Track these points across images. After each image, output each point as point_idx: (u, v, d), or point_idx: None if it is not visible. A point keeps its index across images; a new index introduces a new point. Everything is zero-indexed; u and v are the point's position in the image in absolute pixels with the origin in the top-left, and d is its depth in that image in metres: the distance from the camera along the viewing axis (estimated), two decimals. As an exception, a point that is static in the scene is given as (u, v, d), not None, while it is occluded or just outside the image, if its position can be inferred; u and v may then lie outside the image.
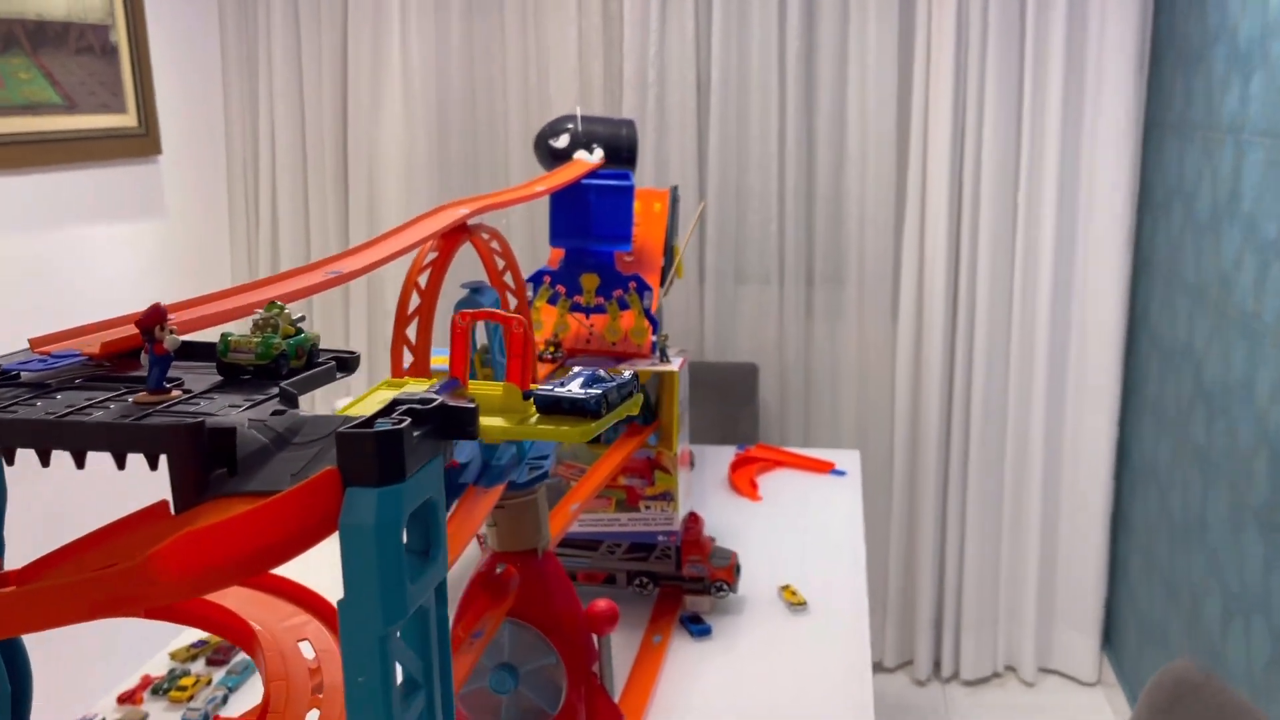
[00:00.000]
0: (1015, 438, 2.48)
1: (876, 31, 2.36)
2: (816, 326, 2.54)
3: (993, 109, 2.34)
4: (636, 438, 1.38)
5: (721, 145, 2.45)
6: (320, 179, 2.58)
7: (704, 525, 1.49)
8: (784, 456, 2.03)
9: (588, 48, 2.47)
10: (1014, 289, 2.43)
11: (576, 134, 1.48)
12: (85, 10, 2.06)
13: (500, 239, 1.04)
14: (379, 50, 2.51)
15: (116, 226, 2.21)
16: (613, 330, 1.43)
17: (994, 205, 2.38)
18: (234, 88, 2.57)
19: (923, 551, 2.53)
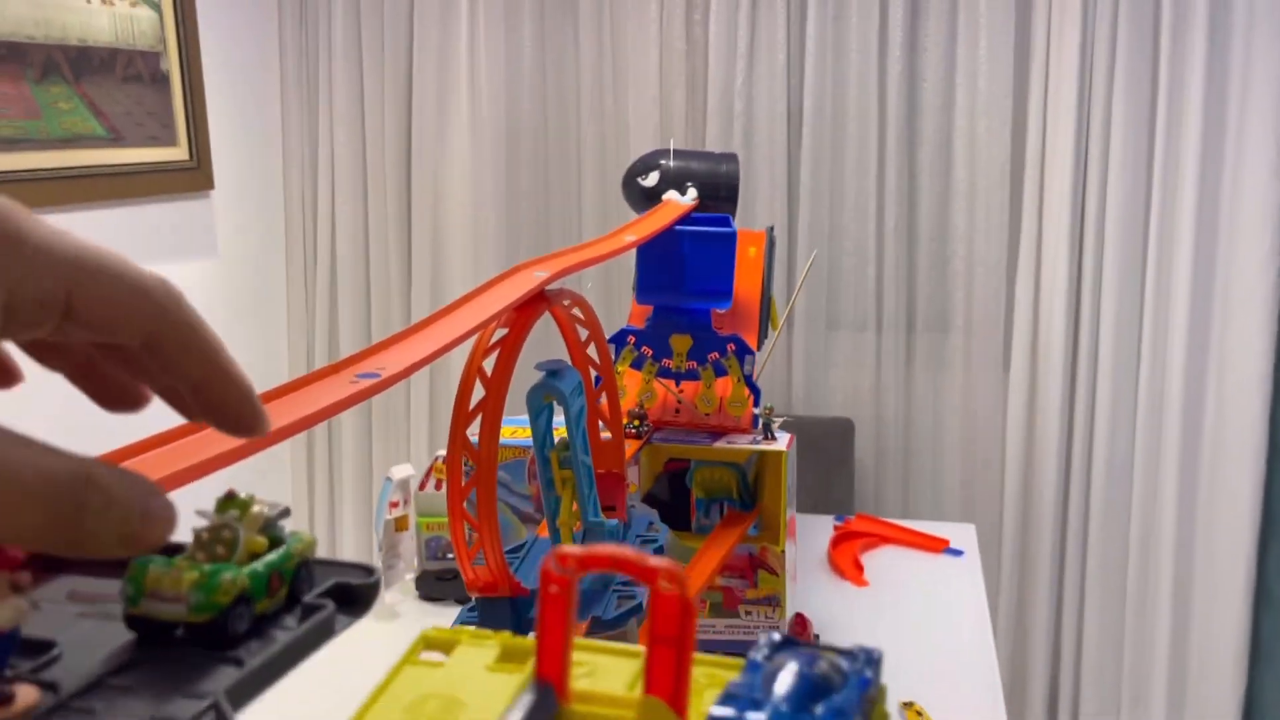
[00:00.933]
0: (1143, 505, 2.21)
1: (988, 52, 2.13)
2: (917, 378, 2.30)
3: (1120, 137, 2.09)
4: (736, 529, 1.17)
5: (813, 180, 2.23)
6: (381, 214, 2.42)
7: (812, 627, 1.27)
8: (890, 531, 1.79)
9: (669, 76, 2.28)
10: (1143, 337, 2.17)
11: (667, 170, 1.28)
12: (134, 36, 1.92)
13: (584, 305, 0.84)
14: (445, 77, 2.35)
15: (165, 266, 2.06)
16: (706, 399, 1.22)
17: (1121, 244, 2.13)
18: (293, 118, 2.43)
19: (1035, 632, 2.27)
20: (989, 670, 1.38)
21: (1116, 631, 2.26)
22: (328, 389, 0.50)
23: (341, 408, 0.49)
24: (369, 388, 0.50)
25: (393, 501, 1.55)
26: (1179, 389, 2.14)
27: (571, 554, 0.27)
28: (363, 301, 2.47)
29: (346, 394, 0.49)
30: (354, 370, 0.53)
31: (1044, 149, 2.16)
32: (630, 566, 0.26)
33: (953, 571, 1.68)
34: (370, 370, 0.53)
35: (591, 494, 0.81)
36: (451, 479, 0.71)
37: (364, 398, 0.50)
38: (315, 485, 2.54)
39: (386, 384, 0.52)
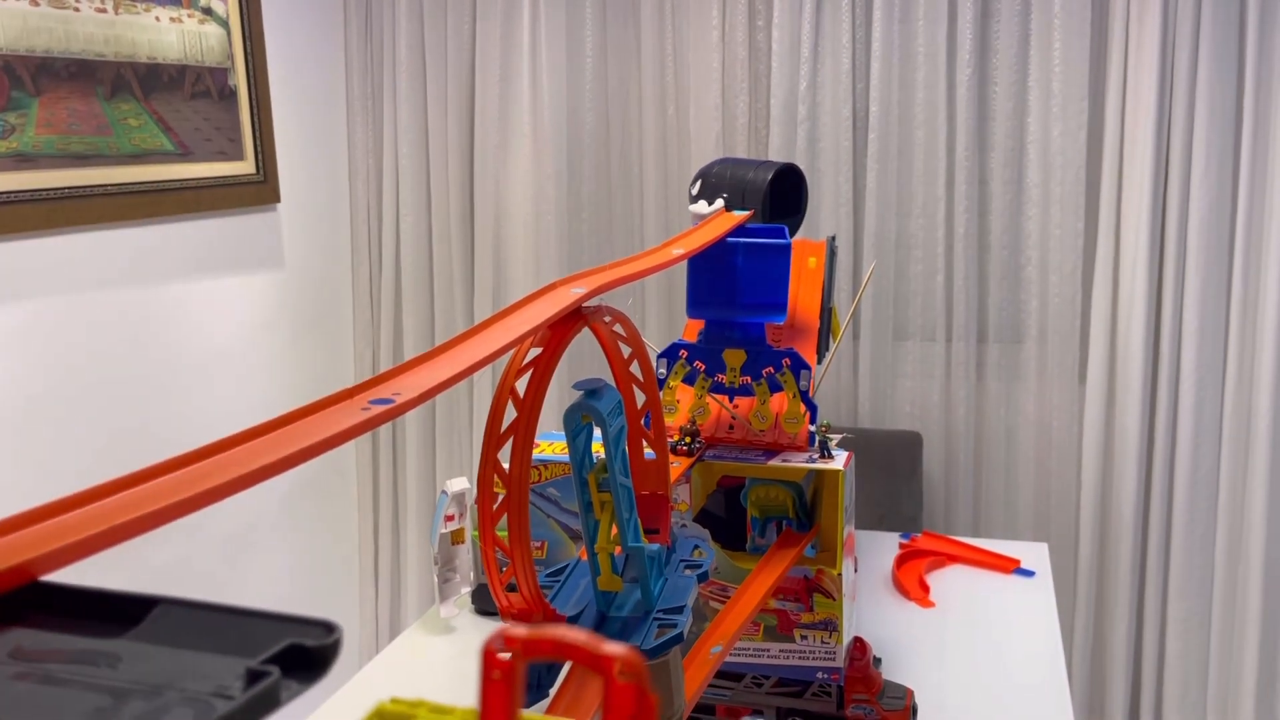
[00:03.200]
0: (1228, 524, 2.11)
1: (1063, 53, 2.06)
2: (989, 389, 2.23)
3: (1203, 140, 2.00)
4: (792, 550, 1.13)
5: (880, 187, 2.18)
6: (445, 224, 2.43)
7: (871, 652, 1.22)
8: (958, 549, 1.73)
9: (732, 82, 2.25)
10: (1228, 347, 2.07)
11: (708, 178, 1.25)
12: (203, 53, 1.95)
13: (626, 322, 0.82)
14: (507, 88, 2.35)
15: (232, 279, 2.10)
16: (761, 416, 1.19)
17: (1204, 251, 2.04)
18: (358, 131, 2.45)
19: (1114, 655, 2.18)
20: (1060, 698, 1.32)
21: (1201, 657, 2.16)
22: (337, 416, 0.48)
23: (347, 437, 0.47)
24: (380, 415, 0.49)
25: (448, 515, 1.54)
26: (1268, 402, 2.03)
27: (516, 636, 0.24)
28: (426, 312, 2.48)
29: (355, 422, 0.47)
30: (368, 395, 0.51)
31: (1121, 153, 2.08)
32: (580, 654, 0.23)
33: (1024, 593, 1.61)
34: (385, 396, 0.51)
35: (632, 518, 0.78)
36: (482, 503, 0.69)
37: (374, 425, 0.48)
38: (380, 497, 2.56)
39: (400, 410, 0.50)
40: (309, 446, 0.44)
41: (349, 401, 0.50)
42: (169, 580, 1.97)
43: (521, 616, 0.72)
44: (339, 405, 0.50)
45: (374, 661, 1.46)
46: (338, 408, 0.50)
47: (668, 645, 0.74)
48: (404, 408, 0.50)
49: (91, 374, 1.82)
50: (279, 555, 2.28)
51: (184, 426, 1.99)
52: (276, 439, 0.47)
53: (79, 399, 1.80)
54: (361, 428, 0.47)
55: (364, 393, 0.51)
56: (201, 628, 0.28)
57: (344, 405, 0.50)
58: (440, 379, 0.53)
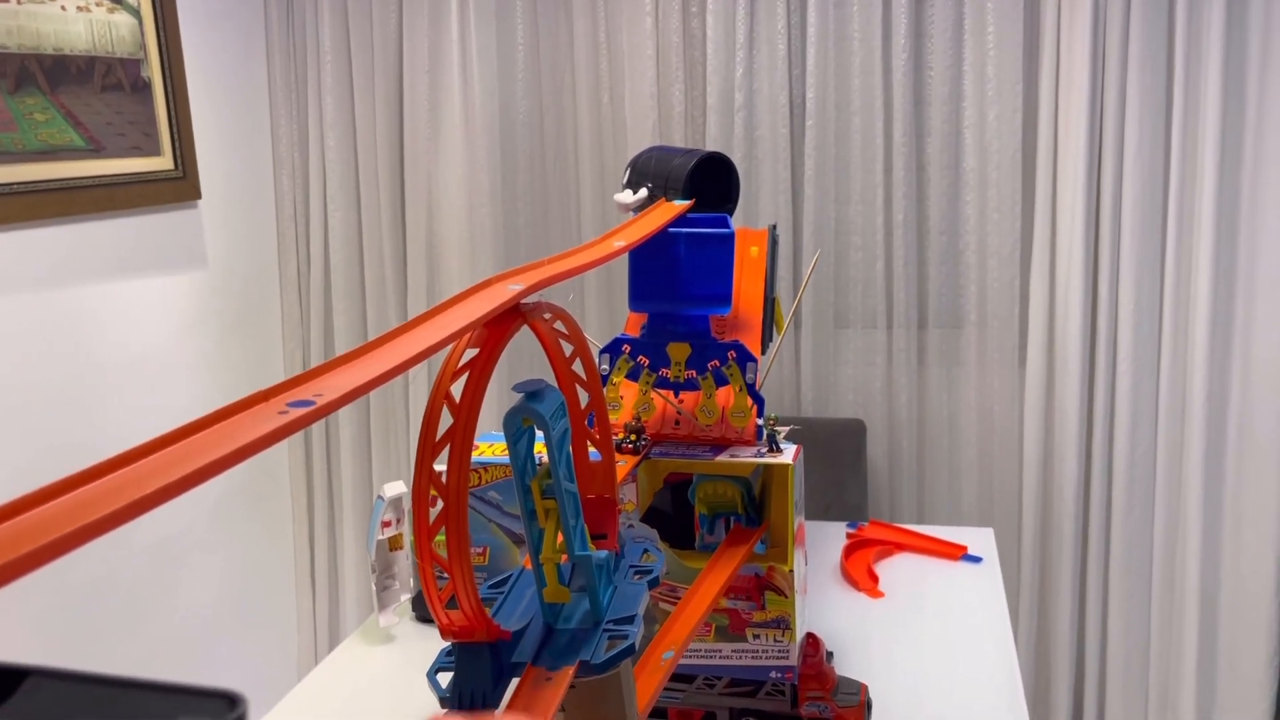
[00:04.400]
0: (1167, 504, 2.14)
1: (997, 36, 2.06)
2: (930, 375, 2.23)
3: (1135, 120, 2.02)
4: (741, 547, 1.10)
5: (819, 175, 2.16)
6: (375, 218, 2.36)
7: (824, 648, 1.20)
8: (905, 538, 1.73)
9: (667, 70, 2.21)
10: (1163, 328, 2.09)
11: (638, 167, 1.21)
12: (113, 43, 1.86)
13: (567, 319, 0.78)
14: (436, 77, 2.28)
15: (152, 279, 2.01)
16: (707, 410, 1.15)
17: (1138, 230, 2.05)
18: (282, 123, 2.37)
19: (1057, 638, 2.20)
20: (1011, 683, 1.31)
21: (1142, 635, 2.18)
22: (252, 421, 0.44)
23: (264, 444, 0.42)
24: (300, 418, 0.44)
25: (385, 520, 1.49)
26: (1202, 381, 2.06)
27: None
28: (358, 310, 2.41)
29: (272, 427, 0.43)
30: (287, 397, 0.46)
31: (1056, 136, 2.08)
32: None
33: (971, 579, 1.61)
34: (306, 398, 0.46)
35: (578, 524, 0.74)
36: (418, 516, 0.64)
37: (294, 430, 0.44)
38: (315, 501, 2.48)
39: (321, 413, 0.45)
40: (219, 459, 0.40)
41: (265, 404, 0.46)
42: (92, 598, 1.88)
43: (463, 634, 0.68)
44: (254, 409, 0.45)
45: (311, 675, 1.40)
46: (253, 411, 0.45)
47: (619, 658, 0.70)
48: (325, 410, 0.46)
49: (3, 382, 1.72)
50: (211, 564, 2.20)
51: (106, 436, 1.90)
52: (185, 449, 0.42)
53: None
54: (279, 433, 0.43)
55: (282, 394, 0.47)
56: (80, 703, 0.23)
57: (260, 409, 0.45)
58: (364, 379, 0.49)
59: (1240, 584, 2.12)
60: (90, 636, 1.89)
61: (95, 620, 1.90)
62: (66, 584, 1.83)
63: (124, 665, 1.97)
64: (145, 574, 2.01)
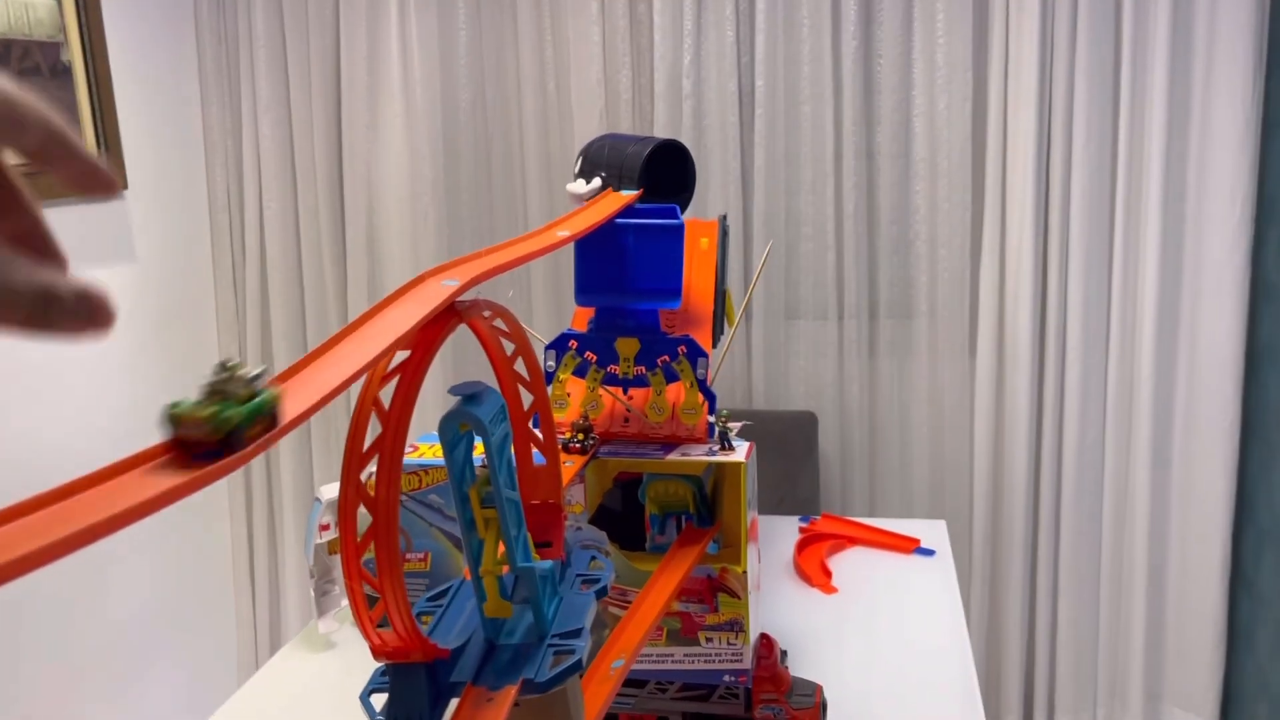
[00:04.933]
0: (1114, 491, 2.14)
1: (946, 23, 2.04)
2: (881, 367, 2.21)
3: (1084, 109, 2.01)
4: (693, 548, 1.07)
5: (768, 164, 2.13)
6: (312, 210, 2.28)
7: (778, 649, 1.17)
8: (858, 531, 1.70)
9: (613, 55, 2.16)
10: (1111, 316, 2.09)
11: (589, 156, 1.16)
12: (30, 25, 1.77)
13: (507, 316, 0.73)
14: (375, 64, 2.21)
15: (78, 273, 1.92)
16: (657, 408, 1.11)
17: (1087, 219, 2.05)
18: (213, 109, 2.28)
19: (1009, 621, 2.20)
20: (965, 676, 1.29)
21: (1091, 623, 2.19)
22: (156, 476, 0.38)
23: (174, 498, 0.37)
24: (209, 473, 0.39)
25: (323, 524, 1.43)
26: (1149, 370, 2.07)
27: None
28: (296, 304, 2.33)
29: (180, 481, 0.37)
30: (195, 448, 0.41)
31: (1006, 125, 2.07)
32: None
33: (925, 572, 1.59)
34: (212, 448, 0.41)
35: (520, 534, 0.70)
36: (345, 532, 0.59)
37: (205, 484, 0.39)
38: (254, 504, 2.41)
39: (235, 465, 0.40)
40: (108, 519, 0.34)
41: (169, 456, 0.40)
42: (13, 610, 1.80)
43: (396, 655, 0.63)
44: (159, 460, 0.40)
45: (248, 684, 1.34)
46: (158, 462, 0.40)
47: (564, 675, 0.66)
48: (240, 461, 0.40)
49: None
50: (142, 570, 2.11)
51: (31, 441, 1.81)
52: (70, 507, 0.37)
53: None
54: (189, 487, 0.38)
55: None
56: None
57: (167, 459, 0.40)
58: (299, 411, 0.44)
59: (1187, 571, 2.14)
60: (13, 650, 1.81)
61: (17, 633, 1.82)
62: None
63: (53, 678, 1.89)
64: (72, 581, 1.92)
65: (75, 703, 1.94)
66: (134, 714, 2.08)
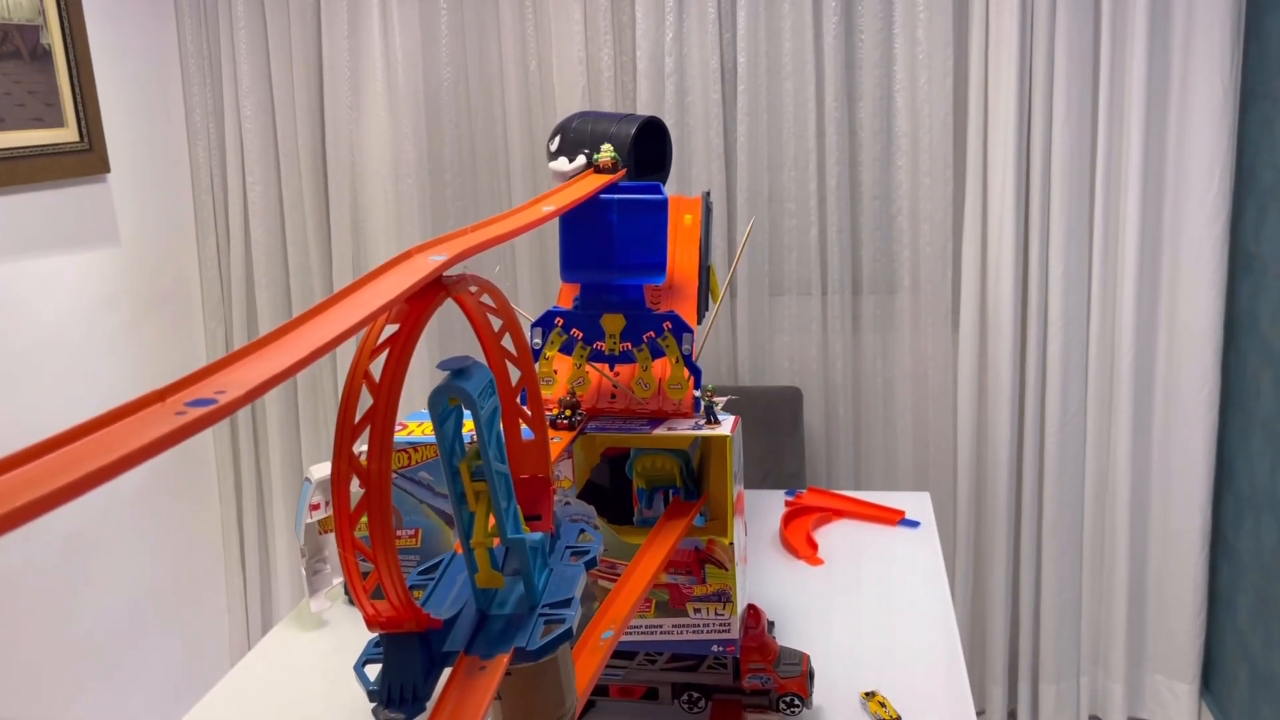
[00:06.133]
0: (1096, 461, 2.17)
1: (927, 1, 2.04)
2: (865, 341, 2.23)
3: (1064, 82, 2.02)
4: (680, 521, 1.08)
5: (751, 140, 2.14)
6: (296, 191, 2.28)
7: (765, 619, 1.19)
8: (843, 504, 1.72)
9: (595, 33, 2.16)
10: (1092, 289, 2.12)
11: (568, 134, 1.17)
12: (9, 8, 1.76)
13: (494, 292, 0.74)
14: (357, 43, 2.20)
15: (63, 257, 1.92)
16: (643, 384, 1.13)
17: (1067, 193, 2.07)
18: (195, 91, 2.27)
19: (993, 591, 2.23)
20: (950, 645, 1.31)
21: (1074, 591, 2.22)
22: (147, 423, 0.40)
23: (160, 448, 0.38)
24: (199, 419, 0.40)
25: (314, 503, 1.44)
26: (1130, 342, 2.09)
27: None
28: (281, 286, 2.33)
29: (167, 430, 0.39)
30: (185, 396, 0.42)
31: (986, 100, 2.08)
32: None
33: (910, 544, 1.62)
34: (206, 396, 0.42)
35: (510, 506, 0.71)
36: (338, 503, 0.60)
37: (192, 432, 0.40)
38: (243, 484, 2.41)
39: (224, 412, 0.41)
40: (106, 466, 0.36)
41: (161, 405, 0.42)
42: (10, 591, 1.80)
43: (390, 625, 0.64)
44: (149, 410, 0.41)
45: (240, 664, 1.36)
46: (147, 412, 0.41)
47: (555, 644, 0.68)
48: (228, 409, 0.42)
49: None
50: (133, 552, 2.12)
51: (15, 423, 1.81)
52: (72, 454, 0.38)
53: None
54: (176, 436, 0.39)
55: (179, 393, 0.43)
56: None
57: (155, 409, 0.41)
58: (271, 373, 0.45)
59: (1168, 540, 2.17)
60: (7, 632, 1.81)
61: (11, 615, 1.82)
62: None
63: (47, 659, 1.90)
64: (63, 564, 1.93)
65: (70, 684, 1.95)
66: (128, 695, 2.09)
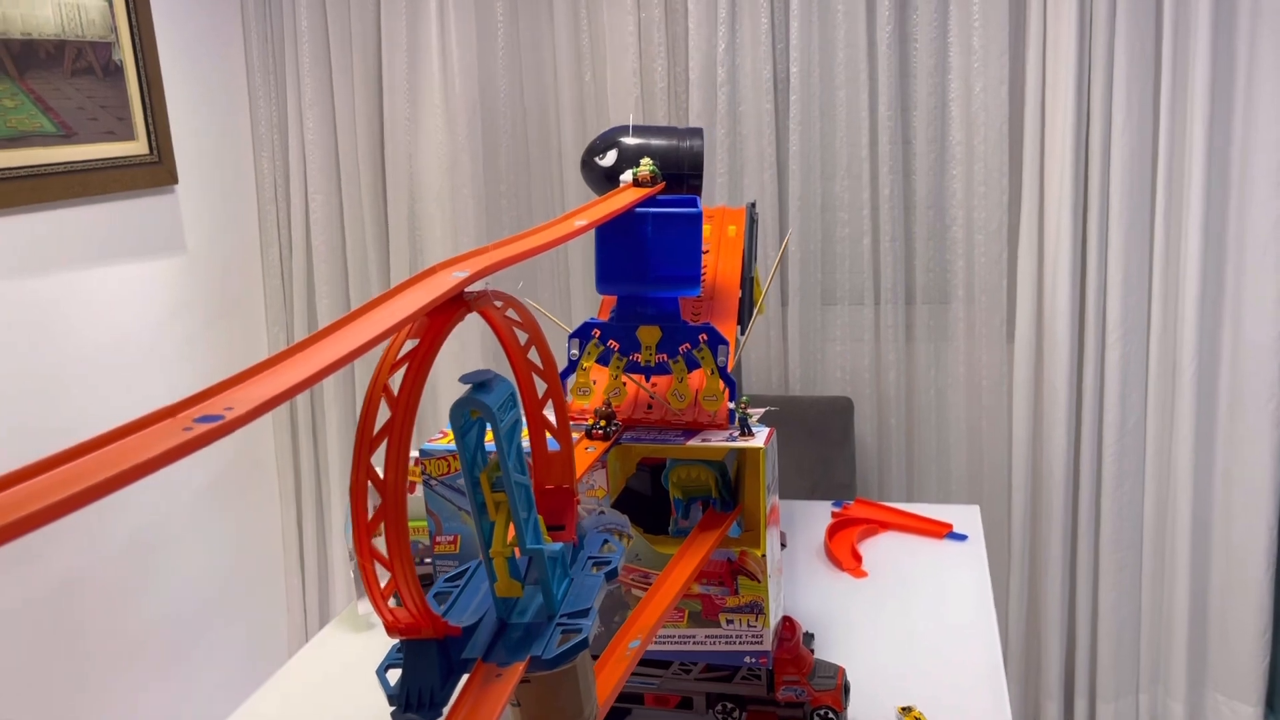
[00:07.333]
0: (1156, 475, 2.12)
1: (982, 8, 2.02)
2: (918, 351, 2.21)
3: (1124, 83, 1.98)
4: (713, 533, 1.09)
5: (803, 150, 2.13)
6: (356, 201, 2.34)
7: (800, 631, 1.19)
8: (890, 516, 1.71)
9: (649, 45, 2.18)
10: (1152, 298, 2.07)
11: (626, 148, 1.19)
12: (83, 27, 1.83)
13: (519, 306, 0.76)
14: (415, 56, 2.25)
15: (130, 266, 1.99)
16: (679, 395, 1.14)
17: (1127, 199, 2.03)
18: (260, 105, 2.34)
19: (1049, 607, 2.19)
20: (992, 661, 1.30)
21: (1133, 609, 2.17)
22: (153, 439, 0.42)
23: (163, 462, 0.41)
24: (205, 434, 0.42)
25: (363, 507, 1.47)
26: (1192, 352, 2.04)
27: None
28: (341, 293, 2.39)
29: (173, 444, 0.41)
30: (194, 413, 0.44)
31: (1043, 108, 2.05)
32: None
33: (956, 558, 1.60)
34: (215, 412, 0.45)
35: (530, 517, 0.72)
36: (356, 513, 0.63)
37: (198, 447, 0.42)
38: (302, 486, 2.47)
39: (230, 427, 0.43)
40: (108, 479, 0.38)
41: (172, 420, 0.44)
42: (70, 591, 1.87)
43: (409, 631, 0.66)
44: (159, 425, 0.43)
45: (287, 665, 1.40)
46: (156, 428, 0.43)
47: (570, 653, 0.69)
48: (234, 424, 0.44)
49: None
50: (195, 553, 2.19)
51: (86, 428, 1.89)
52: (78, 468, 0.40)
53: (-36, 401, 1.69)
54: (180, 450, 0.41)
55: (190, 409, 0.45)
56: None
57: (165, 425, 0.43)
58: (281, 389, 0.47)
59: (1232, 557, 2.11)
60: (74, 628, 1.89)
61: (78, 612, 1.89)
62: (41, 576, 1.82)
63: (111, 654, 1.97)
64: (126, 564, 2.00)
65: (133, 678, 2.02)
66: (189, 689, 2.15)
